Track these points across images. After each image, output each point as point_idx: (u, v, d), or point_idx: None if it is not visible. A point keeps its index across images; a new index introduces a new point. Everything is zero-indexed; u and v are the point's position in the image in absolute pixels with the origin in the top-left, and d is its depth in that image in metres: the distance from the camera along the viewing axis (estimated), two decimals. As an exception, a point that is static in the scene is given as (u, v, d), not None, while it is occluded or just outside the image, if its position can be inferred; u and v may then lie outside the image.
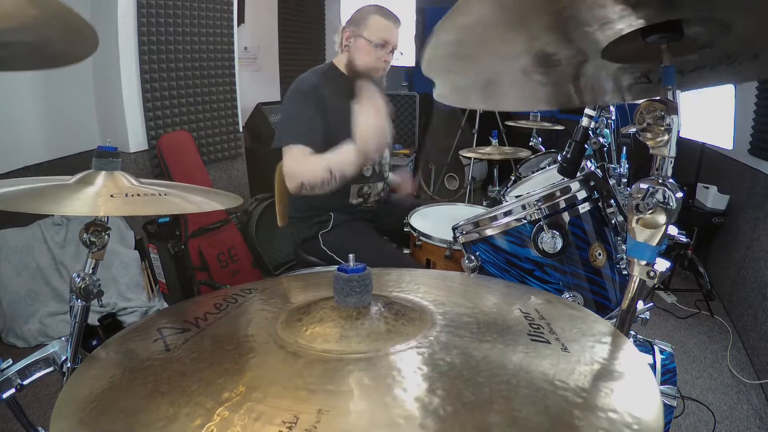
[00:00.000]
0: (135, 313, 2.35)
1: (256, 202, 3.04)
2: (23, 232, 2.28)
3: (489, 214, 1.18)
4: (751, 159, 2.59)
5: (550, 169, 2.04)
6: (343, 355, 0.56)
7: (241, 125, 3.35)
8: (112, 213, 0.78)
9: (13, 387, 0.78)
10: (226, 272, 2.69)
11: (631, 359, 0.58)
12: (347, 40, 1.67)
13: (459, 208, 1.91)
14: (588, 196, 1.15)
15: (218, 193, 1.01)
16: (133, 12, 2.53)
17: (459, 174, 4.67)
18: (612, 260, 1.16)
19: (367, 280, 0.65)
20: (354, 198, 1.74)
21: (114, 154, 0.88)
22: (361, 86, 1.50)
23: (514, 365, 0.55)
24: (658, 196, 0.65)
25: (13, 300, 2.17)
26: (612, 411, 0.47)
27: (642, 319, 1.11)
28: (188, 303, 0.86)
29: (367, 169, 1.72)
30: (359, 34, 1.63)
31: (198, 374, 0.55)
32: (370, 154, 1.41)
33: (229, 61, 3.15)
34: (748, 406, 1.92)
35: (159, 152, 2.69)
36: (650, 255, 0.67)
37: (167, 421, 0.47)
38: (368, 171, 1.73)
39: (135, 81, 2.61)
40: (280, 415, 0.46)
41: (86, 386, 0.55)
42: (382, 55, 1.64)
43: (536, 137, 2.77)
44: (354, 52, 1.65)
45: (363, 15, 1.64)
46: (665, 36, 0.66)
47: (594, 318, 0.69)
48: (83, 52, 0.85)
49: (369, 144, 1.38)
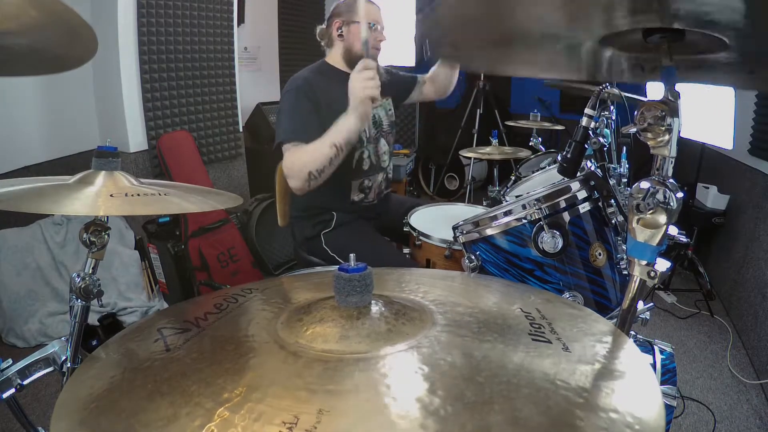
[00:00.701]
0: (135, 313, 2.35)
1: (256, 202, 3.04)
2: (23, 232, 2.28)
3: (489, 214, 1.18)
4: (751, 159, 2.59)
5: (550, 169, 2.04)
6: (344, 355, 0.56)
7: (241, 125, 3.35)
8: (112, 213, 0.78)
9: (13, 387, 0.78)
10: (226, 272, 2.69)
11: (632, 359, 0.58)
12: (338, 29, 1.70)
13: (459, 208, 1.91)
14: (588, 196, 1.15)
15: (218, 193, 1.01)
16: (133, 12, 2.53)
17: (459, 174, 4.67)
18: (612, 260, 1.16)
19: (367, 279, 0.65)
20: (356, 194, 1.75)
21: (114, 154, 0.88)
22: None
23: (514, 365, 0.55)
24: (659, 196, 0.65)
25: (13, 300, 2.17)
26: (613, 411, 0.47)
27: (642, 319, 1.11)
28: (188, 303, 0.85)
29: (365, 162, 1.72)
30: (351, 21, 1.68)
31: (198, 374, 0.55)
32: (362, 104, 1.40)
33: (229, 61, 3.15)
34: (748, 406, 1.92)
35: (159, 152, 2.69)
36: (651, 255, 0.67)
37: (167, 422, 0.47)
38: (366, 164, 1.73)
39: (135, 81, 2.61)
40: (280, 416, 0.46)
41: (86, 386, 0.55)
42: (377, 35, 1.69)
43: (536, 137, 2.77)
44: (350, 39, 1.69)
45: (347, 4, 1.70)
46: (666, 37, 0.66)
47: (595, 317, 0.69)
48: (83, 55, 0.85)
49: (356, 94, 1.38)
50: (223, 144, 3.19)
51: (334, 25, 1.71)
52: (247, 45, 3.61)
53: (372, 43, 1.68)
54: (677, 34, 0.66)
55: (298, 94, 1.59)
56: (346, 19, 1.69)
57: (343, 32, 1.70)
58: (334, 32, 1.71)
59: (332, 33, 1.72)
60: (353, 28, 1.68)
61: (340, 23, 1.70)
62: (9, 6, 0.65)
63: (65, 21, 0.72)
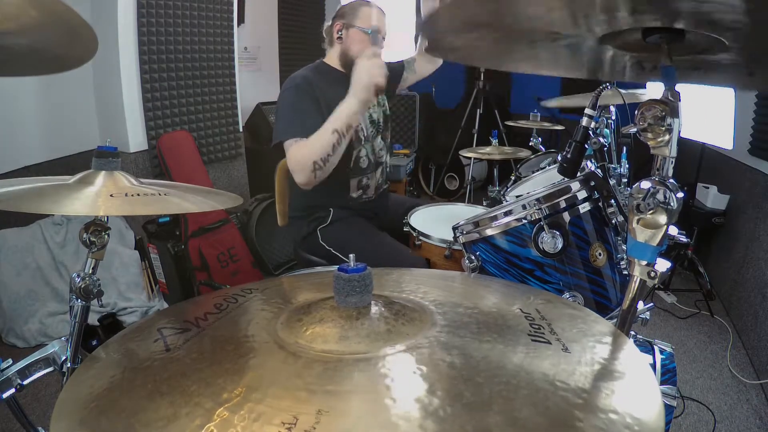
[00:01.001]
0: (135, 313, 2.35)
1: (256, 202, 3.03)
2: (23, 232, 2.28)
3: (489, 214, 1.18)
4: (751, 159, 2.59)
5: (550, 169, 2.04)
6: (343, 355, 0.56)
7: (241, 125, 3.35)
8: (112, 213, 0.78)
9: (13, 387, 0.78)
10: (226, 272, 2.69)
11: (632, 359, 0.58)
12: (338, 32, 1.71)
13: (459, 208, 1.91)
14: (588, 196, 1.15)
15: (218, 193, 1.01)
16: (133, 12, 2.53)
17: (459, 174, 4.67)
18: (612, 260, 1.16)
19: (367, 279, 0.64)
20: (354, 191, 1.75)
21: (114, 154, 0.88)
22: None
23: (514, 365, 0.55)
24: (659, 197, 0.65)
25: (13, 300, 2.17)
26: (612, 412, 0.47)
27: (642, 319, 1.11)
28: (188, 303, 0.86)
29: (363, 160, 1.73)
30: (351, 25, 1.69)
31: (198, 374, 0.55)
32: (367, 90, 1.39)
33: (229, 61, 3.15)
34: (748, 406, 1.92)
35: (159, 152, 2.69)
36: (651, 255, 0.67)
37: (167, 421, 0.47)
38: (364, 162, 1.73)
39: (135, 81, 2.61)
40: (279, 416, 0.46)
41: (86, 386, 0.55)
42: (375, 42, 1.69)
43: (536, 137, 2.76)
44: (348, 43, 1.71)
45: (352, 7, 1.71)
46: (666, 37, 0.66)
47: (594, 318, 0.69)
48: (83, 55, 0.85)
49: (362, 78, 1.39)
50: (223, 144, 3.19)
51: (335, 27, 1.72)
52: (247, 45, 3.61)
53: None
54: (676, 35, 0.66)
55: (298, 92, 1.60)
56: (347, 22, 1.70)
57: (342, 35, 1.71)
58: (334, 33, 1.73)
59: (333, 34, 1.73)
60: (352, 32, 1.69)
61: (341, 26, 1.71)
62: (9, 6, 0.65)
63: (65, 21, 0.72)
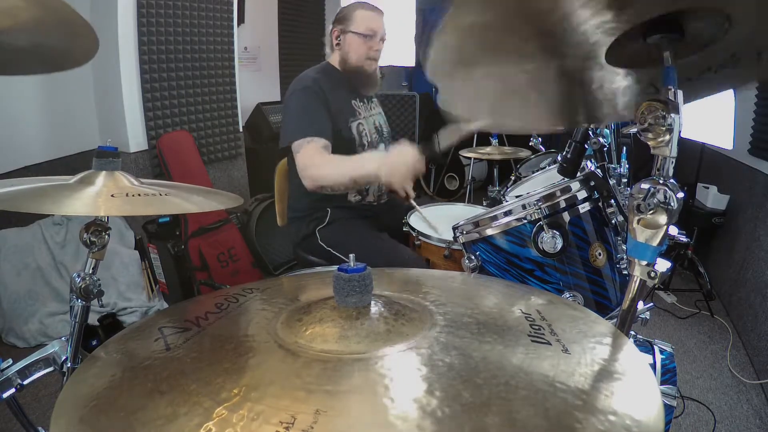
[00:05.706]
0: (135, 313, 2.35)
1: (256, 202, 3.04)
2: (23, 232, 2.28)
3: (489, 214, 1.18)
4: (751, 159, 2.58)
5: (550, 169, 2.04)
6: (342, 355, 0.56)
7: (241, 125, 3.35)
8: (112, 213, 0.78)
9: (13, 387, 0.78)
10: (226, 272, 2.69)
11: (632, 360, 0.58)
12: (336, 38, 1.71)
13: (459, 208, 1.91)
14: (588, 196, 1.15)
15: (218, 193, 1.01)
16: (133, 12, 2.53)
17: (459, 174, 4.67)
18: (612, 260, 1.16)
19: (367, 279, 0.64)
20: (353, 195, 1.75)
21: (114, 154, 0.88)
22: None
23: (513, 366, 0.55)
24: (659, 197, 0.65)
25: (13, 300, 2.17)
26: (612, 413, 0.47)
27: (642, 319, 1.11)
28: (189, 302, 0.86)
29: None
30: (347, 30, 1.68)
31: (197, 374, 0.55)
32: (398, 184, 1.43)
33: (229, 61, 3.15)
34: (748, 406, 1.92)
35: (159, 152, 2.69)
36: (651, 255, 0.67)
37: (166, 420, 0.47)
38: None
39: (135, 81, 2.61)
40: (277, 415, 0.46)
41: (86, 386, 0.55)
42: (373, 45, 1.68)
43: (536, 137, 2.76)
44: (345, 48, 1.70)
45: (347, 11, 1.69)
46: (666, 36, 0.66)
47: (594, 318, 0.69)
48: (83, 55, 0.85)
49: (394, 177, 1.40)
50: (223, 144, 3.19)
51: (333, 33, 1.72)
52: (247, 45, 3.61)
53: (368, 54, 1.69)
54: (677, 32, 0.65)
55: (308, 94, 1.60)
56: (343, 27, 1.68)
57: (340, 41, 1.70)
58: (333, 40, 1.72)
59: (332, 40, 1.73)
60: (349, 37, 1.68)
61: (338, 32, 1.70)
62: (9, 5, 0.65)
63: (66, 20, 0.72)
